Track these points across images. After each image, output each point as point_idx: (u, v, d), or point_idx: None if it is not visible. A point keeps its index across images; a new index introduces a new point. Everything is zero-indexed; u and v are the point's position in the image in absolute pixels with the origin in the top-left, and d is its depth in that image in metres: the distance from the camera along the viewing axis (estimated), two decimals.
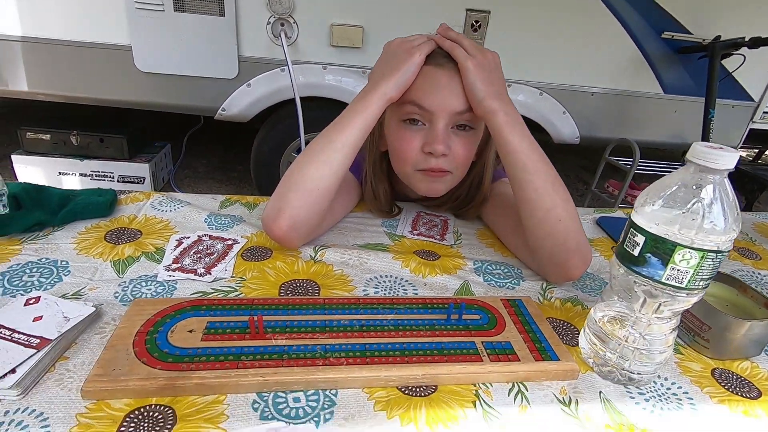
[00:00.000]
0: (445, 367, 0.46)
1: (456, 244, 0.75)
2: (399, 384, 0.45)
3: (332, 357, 0.45)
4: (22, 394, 0.39)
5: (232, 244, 0.67)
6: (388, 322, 0.51)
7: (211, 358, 0.44)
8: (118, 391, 0.40)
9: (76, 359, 0.44)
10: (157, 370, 0.42)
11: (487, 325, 0.53)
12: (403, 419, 0.42)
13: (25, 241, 0.62)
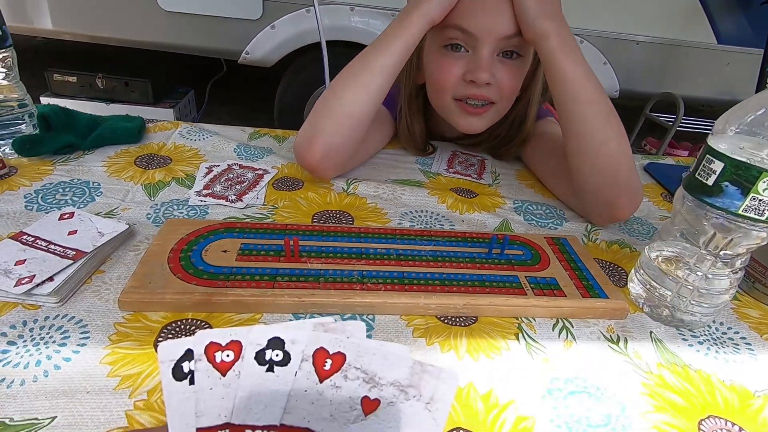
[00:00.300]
0: (487, 298, 0.44)
1: (494, 183, 0.71)
2: (438, 313, 0.43)
3: (369, 283, 0.44)
4: (60, 302, 0.39)
5: (262, 173, 0.64)
6: (426, 253, 0.49)
7: (247, 277, 0.43)
8: (154, 304, 0.40)
9: (111, 273, 0.44)
10: (193, 285, 0.41)
11: (530, 261, 0.50)
12: (443, 346, 0.40)
13: (57, 163, 0.61)
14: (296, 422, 0.21)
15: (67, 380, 0.33)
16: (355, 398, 0.22)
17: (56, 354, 0.35)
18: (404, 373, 0.22)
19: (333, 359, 0.22)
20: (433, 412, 0.22)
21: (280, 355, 0.21)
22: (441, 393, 0.22)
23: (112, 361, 0.35)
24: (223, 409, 0.21)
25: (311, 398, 0.22)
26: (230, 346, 0.21)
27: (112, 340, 0.37)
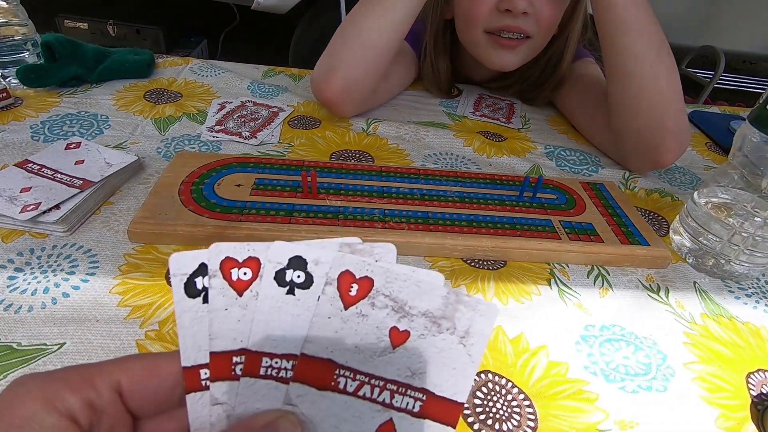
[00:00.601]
0: (517, 241, 0.41)
1: (524, 128, 0.67)
2: (465, 255, 0.41)
3: (392, 221, 0.41)
4: (68, 231, 0.37)
5: (277, 111, 0.61)
6: (452, 194, 0.46)
7: (261, 211, 0.40)
8: (165, 236, 0.38)
9: (121, 205, 0.42)
10: (205, 218, 0.38)
11: (564, 206, 0.46)
12: (469, 289, 0.38)
13: (64, 95, 0.58)
14: (318, 353, 0.19)
15: (76, 308, 0.32)
16: (383, 329, 0.19)
17: (64, 282, 0.34)
18: (437, 303, 0.19)
19: (359, 284, 0.19)
20: (468, 347, 0.20)
21: (302, 276, 0.19)
22: (478, 327, 0.19)
23: (122, 291, 0.33)
24: (239, 332, 0.19)
25: (335, 327, 0.19)
26: (248, 263, 0.19)
27: (122, 271, 0.35)
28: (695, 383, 0.32)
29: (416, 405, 0.19)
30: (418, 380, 0.19)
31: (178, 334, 0.19)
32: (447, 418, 0.19)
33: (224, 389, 0.19)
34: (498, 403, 0.29)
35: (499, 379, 0.31)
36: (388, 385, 0.19)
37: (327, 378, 0.19)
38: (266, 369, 0.19)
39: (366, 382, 0.19)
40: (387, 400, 0.19)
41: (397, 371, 0.19)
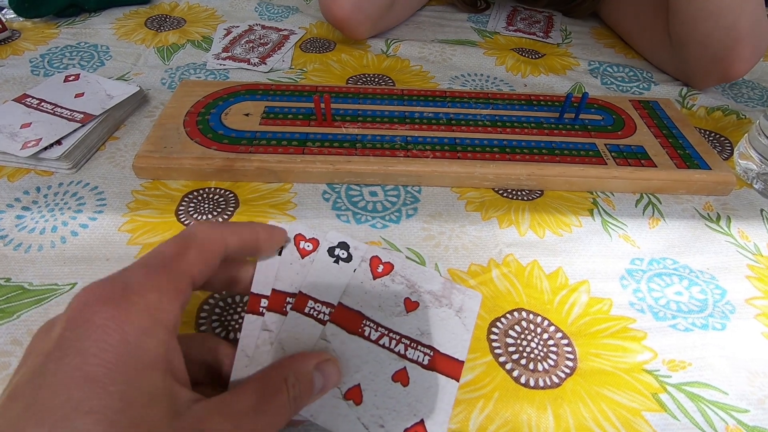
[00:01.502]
0: (556, 167, 0.36)
1: (564, 43, 0.59)
2: (496, 185, 0.37)
3: (415, 149, 0.37)
4: (74, 168, 0.36)
5: (288, 34, 0.55)
6: (483, 117, 0.41)
7: (273, 142, 0.37)
8: (172, 171, 0.35)
9: (126, 140, 0.39)
10: (212, 150, 0.36)
11: (611, 127, 0.41)
12: (501, 221, 0.34)
13: (62, 25, 0.54)
14: (351, 304, 0.25)
15: (85, 247, 0.30)
16: (399, 297, 0.26)
17: (72, 220, 0.32)
18: (438, 287, 0.27)
19: (384, 266, 0.27)
20: (462, 319, 0.26)
21: (345, 254, 0.27)
22: (468, 305, 0.26)
23: (132, 229, 0.32)
24: (295, 281, 0.25)
25: (365, 289, 0.26)
26: (311, 240, 0.27)
27: (130, 208, 0.33)
28: (759, 321, 0.29)
29: (425, 358, 0.24)
30: (426, 339, 0.25)
31: (256, 269, 0.25)
32: (451, 372, 0.24)
33: (274, 319, 0.24)
34: (533, 342, 0.27)
35: (533, 317, 0.28)
36: (403, 339, 0.24)
37: (356, 325, 0.25)
38: (310, 309, 0.25)
39: (386, 334, 0.25)
40: (402, 351, 0.24)
41: (410, 329, 0.25)
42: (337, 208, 0.35)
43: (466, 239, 0.33)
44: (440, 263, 0.31)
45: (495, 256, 0.32)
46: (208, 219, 0.33)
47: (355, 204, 0.35)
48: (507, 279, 0.30)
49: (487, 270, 0.31)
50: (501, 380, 0.25)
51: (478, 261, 0.31)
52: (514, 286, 0.30)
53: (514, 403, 0.24)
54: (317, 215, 0.34)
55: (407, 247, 0.32)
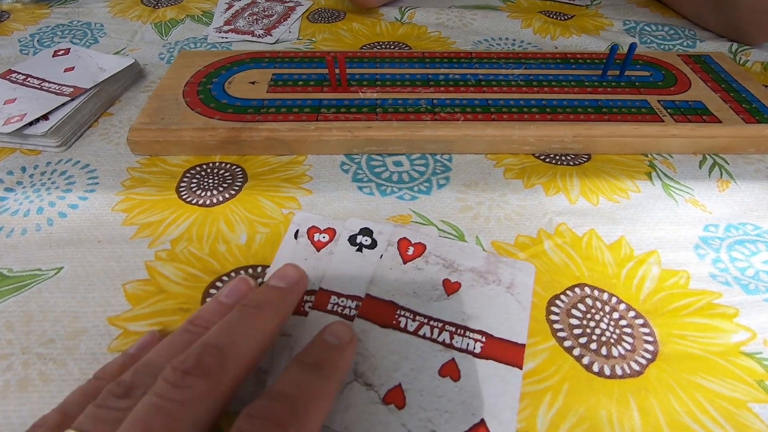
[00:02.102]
0: (606, 127, 0.32)
1: (593, 4, 0.54)
2: (538, 149, 0.32)
3: (443, 112, 0.33)
4: (63, 146, 0.32)
5: (294, 6, 0.51)
6: (516, 77, 0.36)
7: (283, 109, 0.33)
8: (171, 144, 0.31)
9: (121, 115, 0.36)
10: (216, 120, 0.32)
11: (661, 83, 0.36)
12: (547, 188, 0.30)
13: (54, 5, 0.51)
14: (381, 294, 0.22)
15: (75, 229, 0.27)
16: (437, 280, 0.23)
17: (60, 201, 0.28)
18: (480, 262, 0.23)
19: (415, 247, 0.24)
20: (515, 296, 0.22)
21: (369, 240, 0.24)
22: (519, 280, 0.23)
23: (127, 208, 0.28)
24: (313, 278, 0.23)
25: (395, 275, 0.23)
26: (326, 231, 0.25)
27: (125, 186, 0.30)
28: None
29: (477, 346, 0.21)
30: (475, 323, 0.21)
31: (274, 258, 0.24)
32: (511, 359, 0.20)
33: (293, 321, 0.21)
34: (602, 323, 0.23)
35: (599, 293, 0.24)
36: (446, 327, 0.21)
37: (389, 317, 0.21)
38: (333, 305, 0.22)
39: (425, 322, 0.21)
40: (447, 340, 0.21)
41: (453, 315, 0.21)
42: (359, 179, 0.30)
43: (509, 209, 0.29)
44: (482, 236, 0.27)
45: (545, 226, 0.27)
46: (212, 195, 0.29)
47: (378, 175, 0.31)
48: (562, 250, 0.26)
49: (537, 241, 0.26)
50: (569, 368, 0.21)
51: (526, 232, 0.27)
52: (571, 258, 0.26)
53: (589, 396, 0.20)
54: (336, 188, 0.30)
55: (442, 219, 0.28)
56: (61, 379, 0.20)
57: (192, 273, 0.24)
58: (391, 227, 0.25)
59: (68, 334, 0.22)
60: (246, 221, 0.27)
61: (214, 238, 0.26)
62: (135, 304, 0.23)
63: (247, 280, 0.21)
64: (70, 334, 0.22)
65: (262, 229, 0.27)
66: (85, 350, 0.21)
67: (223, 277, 0.24)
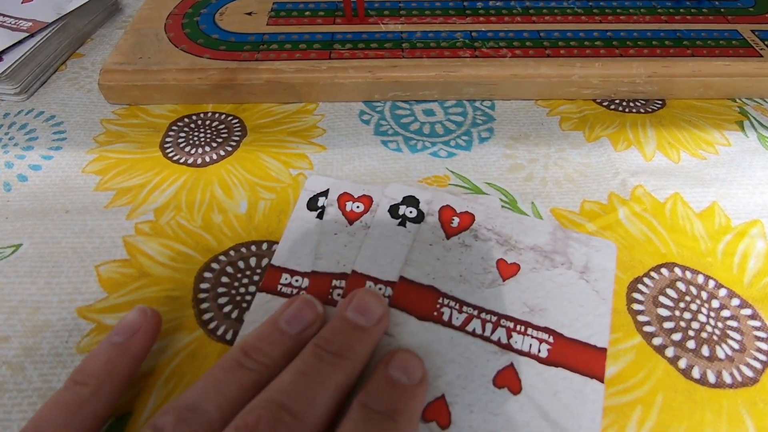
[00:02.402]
0: (689, 64, 0.26)
1: None
2: (601, 92, 0.26)
3: (484, 48, 0.26)
4: (23, 93, 0.26)
5: None
6: (572, 3, 0.30)
7: (287, 45, 0.27)
8: (153, 90, 0.26)
9: (93, 56, 0.30)
10: (205, 59, 0.26)
11: (753, 9, 0.29)
12: (615, 141, 0.24)
13: None
14: (419, 278, 0.18)
15: (37, 195, 0.22)
16: (489, 260, 0.18)
17: (20, 160, 0.23)
18: (545, 239, 0.19)
19: (461, 218, 0.19)
20: (592, 283, 0.18)
21: (414, 212, 0.19)
22: (597, 262, 0.18)
23: (101, 169, 0.23)
24: (343, 257, 0.18)
25: (436, 254, 0.18)
26: (362, 199, 0.20)
27: (99, 142, 0.24)
28: None
29: (543, 348, 0.16)
30: (540, 317, 0.17)
31: (282, 238, 0.19)
32: (589, 367, 0.16)
33: None
34: (700, 315, 0.18)
35: (692, 275, 0.19)
36: (503, 321, 0.17)
37: (429, 306, 0.17)
38: None
39: (475, 315, 0.17)
40: (504, 339, 0.16)
41: (511, 305, 0.17)
42: (382, 132, 0.25)
43: (570, 168, 0.23)
44: (538, 202, 0.21)
45: (617, 189, 0.22)
46: (204, 153, 0.23)
47: (405, 127, 0.25)
48: (642, 220, 0.21)
49: (609, 209, 0.21)
50: (663, 374, 0.16)
51: (594, 196, 0.22)
52: (654, 230, 0.20)
53: (691, 411, 0.16)
54: (356, 143, 0.24)
55: (486, 182, 0.22)
56: (18, 388, 0.16)
57: (181, 251, 0.20)
58: (432, 190, 0.20)
59: (27, 329, 0.17)
60: (246, 185, 0.22)
61: (207, 206, 0.21)
62: (111, 291, 0.18)
63: (314, 305, 0.16)
64: (30, 329, 0.17)
65: (266, 194, 0.22)
66: (49, 350, 0.17)
67: (219, 256, 0.19)
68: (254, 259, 0.19)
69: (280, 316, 0.16)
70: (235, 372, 0.14)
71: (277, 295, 0.18)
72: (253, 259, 0.19)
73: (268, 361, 0.14)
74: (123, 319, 0.16)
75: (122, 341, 0.15)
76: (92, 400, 0.14)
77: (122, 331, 0.15)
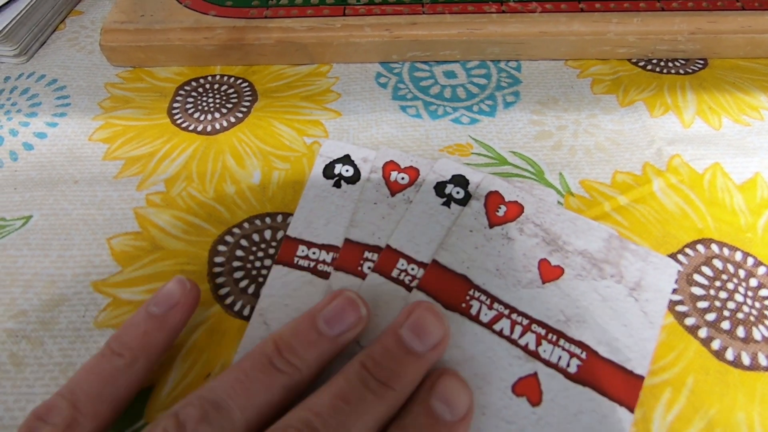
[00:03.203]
0: (737, 18, 0.23)
1: None
2: (638, 51, 0.24)
3: (512, 1, 0.24)
4: (22, 55, 0.25)
5: None
6: None
7: (298, 1, 0.25)
8: (157, 51, 0.24)
9: (93, 13, 0.28)
10: (211, 16, 0.24)
11: None
12: (651, 106, 0.23)
13: None
14: (452, 264, 0.16)
15: (45, 165, 0.21)
16: (531, 258, 0.17)
17: (24, 128, 0.22)
18: (597, 245, 0.17)
19: (508, 207, 0.18)
20: (641, 303, 0.16)
21: (462, 193, 0.18)
22: (652, 281, 0.16)
23: (109, 137, 0.22)
24: (379, 228, 0.18)
25: (475, 241, 0.17)
26: (407, 171, 0.19)
27: (104, 108, 0.23)
28: None
29: (573, 363, 0.15)
30: (577, 330, 0.15)
31: (298, 206, 0.19)
32: (620, 393, 0.14)
33: (344, 283, 0.17)
34: (737, 294, 0.17)
35: (730, 252, 0.18)
36: (534, 326, 0.16)
37: (458, 296, 0.16)
38: (400, 273, 0.17)
39: (505, 314, 0.16)
40: (532, 345, 0.15)
41: (546, 311, 0.16)
42: (401, 96, 0.23)
43: (601, 136, 0.22)
44: (567, 172, 0.20)
45: (652, 159, 0.21)
46: (214, 120, 0.22)
47: (425, 90, 0.24)
48: (678, 193, 0.20)
49: (643, 180, 0.20)
50: (694, 356, 0.16)
51: (627, 168, 0.20)
52: (691, 203, 0.19)
53: (722, 393, 0.15)
54: (372, 108, 0.23)
55: (512, 150, 0.21)
56: (38, 362, 0.16)
57: (194, 223, 0.19)
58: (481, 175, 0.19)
59: (44, 303, 0.17)
60: (259, 154, 0.21)
61: (219, 177, 0.20)
62: (125, 265, 0.18)
63: (358, 305, 0.15)
64: (46, 303, 0.17)
65: (279, 164, 0.21)
66: (66, 324, 0.17)
67: (233, 228, 0.19)
68: (269, 232, 0.19)
69: (320, 313, 0.15)
70: (266, 371, 0.13)
71: (294, 268, 0.17)
72: (268, 231, 0.19)
73: (300, 363, 0.14)
74: (162, 288, 0.15)
75: (160, 313, 0.15)
76: (127, 371, 0.13)
77: (161, 302, 0.15)
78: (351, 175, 0.19)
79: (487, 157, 0.21)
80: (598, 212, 0.19)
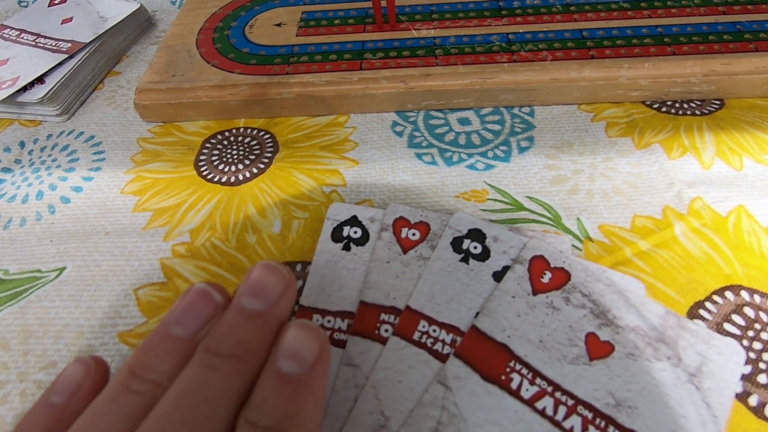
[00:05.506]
0: (751, 60, 0.23)
1: None
2: (650, 95, 0.24)
3: (523, 51, 0.25)
4: (64, 114, 0.27)
5: None
6: None
7: (317, 57, 0.26)
8: (187, 107, 0.26)
9: (129, 74, 0.30)
10: (236, 74, 0.26)
11: None
12: (669, 148, 0.23)
13: None
14: (492, 332, 0.16)
15: (79, 218, 0.22)
16: (578, 331, 0.16)
17: (63, 182, 0.24)
18: (653, 320, 0.16)
19: (554, 273, 0.17)
20: (703, 393, 0.14)
21: (479, 248, 0.18)
22: (715, 367, 0.15)
23: (139, 190, 0.23)
24: (394, 288, 0.17)
25: (518, 309, 0.16)
26: (418, 226, 0.19)
27: (136, 162, 0.25)
28: None
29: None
30: (626, 416, 0.14)
31: (309, 273, 0.18)
32: None
33: (362, 349, 0.16)
34: None
35: (762, 300, 0.17)
36: (579, 408, 0.14)
37: (498, 366, 0.15)
38: (421, 335, 0.16)
39: (548, 392, 0.15)
40: (577, 430, 0.14)
41: (594, 392, 0.15)
42: (416, 144, 0.24)
43: (619, 179, 0.22)
44: (585, 217, 0.20)
45: (672, 202, 0.20)
46: (237, 171, 0.23)
47: (440, 137, 0.24)
48: (701, 237, 0.19)
49: (664, 224, 0.20)
50: (732, 413, 0.15)
51: (646, 211, 0.20)
52: (716, 248, 0.19)
53: None
54: (389, 156, 0.24)
55: (528, 195, 0.21)
56: None
57: (216, 273, 0.20)
58: (519, 235, 0.18)
59: (73, 355, 0.18)
60: (280, 203, 0.22)
61: (242, 227, 0.21)
62: (150, 316, 0.18)
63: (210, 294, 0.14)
64: (75, 355, 0.18)
65: (299, 213, 0.21)
66: None
67: None
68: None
69: (170, 319, 0.13)
70: (119, 399, 0.12)
71: None
72: None
73: (159, 377, 0.12)
74: (62, 372, 0.13)
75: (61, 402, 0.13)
76: None
77: (60, 390, 0.13)
78: (359, 236, 0.19)
79: (503, 203, 0.21)
80: (620, 258, 0.19)
